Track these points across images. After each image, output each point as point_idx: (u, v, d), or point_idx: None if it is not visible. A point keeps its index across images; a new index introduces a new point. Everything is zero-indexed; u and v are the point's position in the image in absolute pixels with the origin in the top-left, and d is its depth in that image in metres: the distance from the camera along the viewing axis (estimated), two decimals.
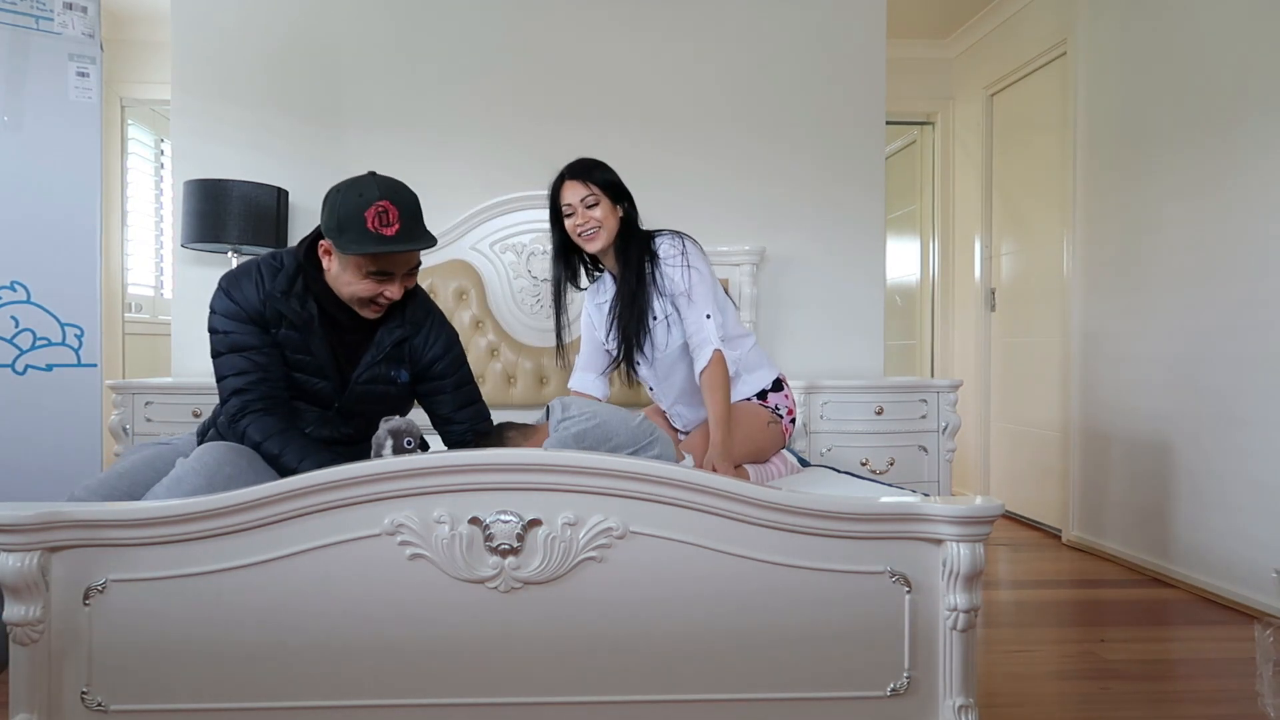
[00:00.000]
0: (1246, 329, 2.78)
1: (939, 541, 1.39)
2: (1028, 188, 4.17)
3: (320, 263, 1.80)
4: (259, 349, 1.75)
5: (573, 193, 2.17)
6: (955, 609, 1.39)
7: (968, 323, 4.67)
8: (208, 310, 1.79)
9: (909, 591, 1.40)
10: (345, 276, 1.74)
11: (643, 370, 2.31)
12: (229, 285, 1.77)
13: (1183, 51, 3.08)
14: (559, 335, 2.40)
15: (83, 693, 1.34)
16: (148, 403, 2.83)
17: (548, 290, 3.07)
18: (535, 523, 1.37)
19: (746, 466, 2.21)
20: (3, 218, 2.47)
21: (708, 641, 1.39)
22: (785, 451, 2.38)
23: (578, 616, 1.38)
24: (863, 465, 3.00)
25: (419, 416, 2.03)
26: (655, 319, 2.21)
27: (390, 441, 1.69)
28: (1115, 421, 3.43)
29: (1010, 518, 4.21)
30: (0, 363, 2.46)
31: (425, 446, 1.72)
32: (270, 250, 1.86)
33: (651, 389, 2.39)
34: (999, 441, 4.42)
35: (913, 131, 5.05)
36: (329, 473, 1.34)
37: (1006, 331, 4.34)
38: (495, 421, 2.03)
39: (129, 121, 4.53)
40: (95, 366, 2.59)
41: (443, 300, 3.09)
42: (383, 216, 1.64)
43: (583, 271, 2.37)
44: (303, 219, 3.21)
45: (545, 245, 3.09)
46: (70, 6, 2.54)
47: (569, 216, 2.18)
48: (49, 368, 2.52)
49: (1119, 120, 3.43)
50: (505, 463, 1.37)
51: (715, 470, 1.95)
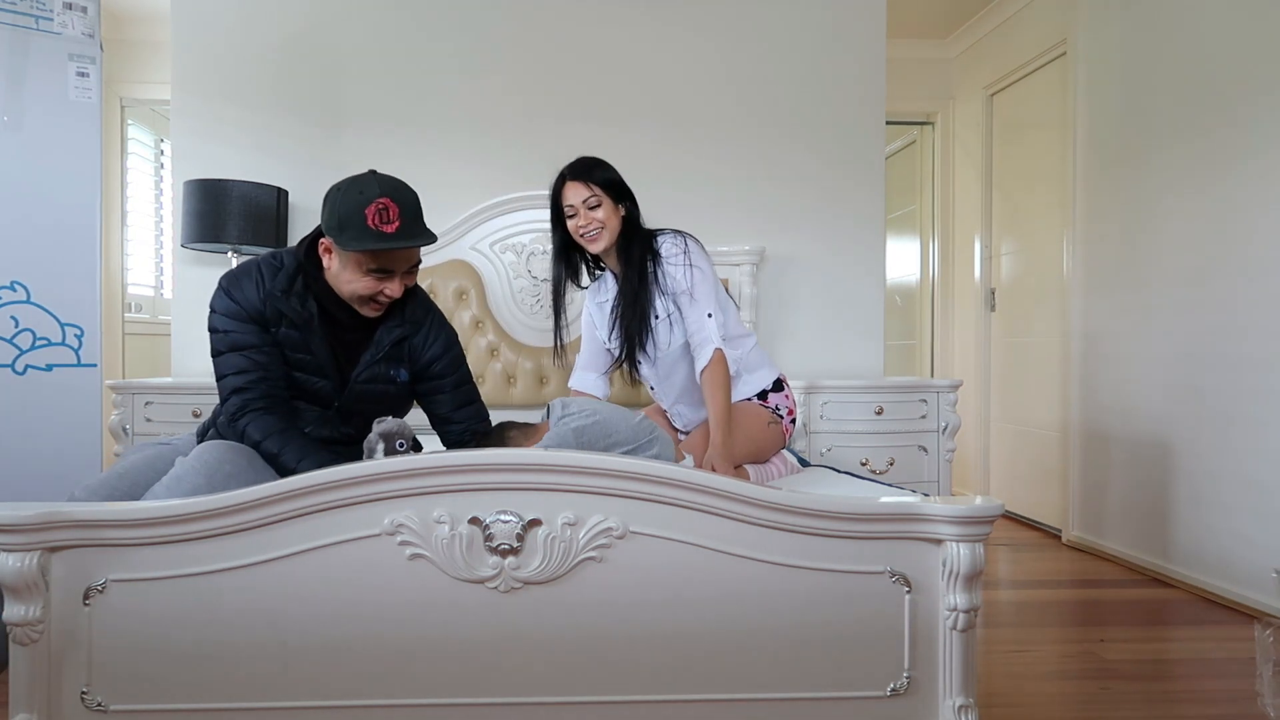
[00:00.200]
0: (1246, 329, 2.78)
1: (939, 541, 1.39)
2: (1027, 188, 4.17)
3: (320, 262, 1.80)
4: (259, 348, 1.75)
5: (574, 194, 2.16)
6: (955, 609, 1.39)
7: (968, 323, 4.67)
8: (208, 310, 1.79)
9: (909, 591, 1.41)
10: (346, 274, 1.74)
11: (644, 369, 2.31)
12: (229, 285, 1.77)
13: (1182, 51, 3.08)
14: (558, 335, 2.40)
15: (82, 693, 1.34)
16: (148, 403, 2.83)
17: (548, 290, 3.06)
18: (535, 523, 1.37)
19: (746, 466, 2.20)
20: (3, 218, 2.47)
21: (707, 641, 1.39)
22: (785, 451, 2.38)
23: (577, 616, 1.38)
24: (863, 465, 3.00)
25: (416, 417, 2.02)
26: (657, 318, 2.21)
27: (382, 444, 1.68)
28: (1115, 422, 3.43)
29: (1010, 518, 4.21)
30: (0, 363, 2.46)
31: (418, 448, 1.71)
32: (270, 250, 1.86)
33: (653, 388, 2.39)
34: (999, 441, 4.42)
35: (913, 131, 5.05)
36: (329, 473, 1.34)
37: (1006, 331, 4.34)
38: (494, 421, 2.03)
39: (129, 121, 4.53)
40: (95, 366, 2.59)
41: (443, 300, 3.09)
42: (383, 214, 1.64)
43: (584, 270, 2.37)
44: (303, 219, 3.21)
45: (545, 245, 3.09)
46: (70, 6, 2.54)
47: (571, 218, 2.18)
48: (49, 368, 2.52)
49: (1119, 120, 3.43)
50: (505, 463, 1.37)
51: (714, 470, 1.95)
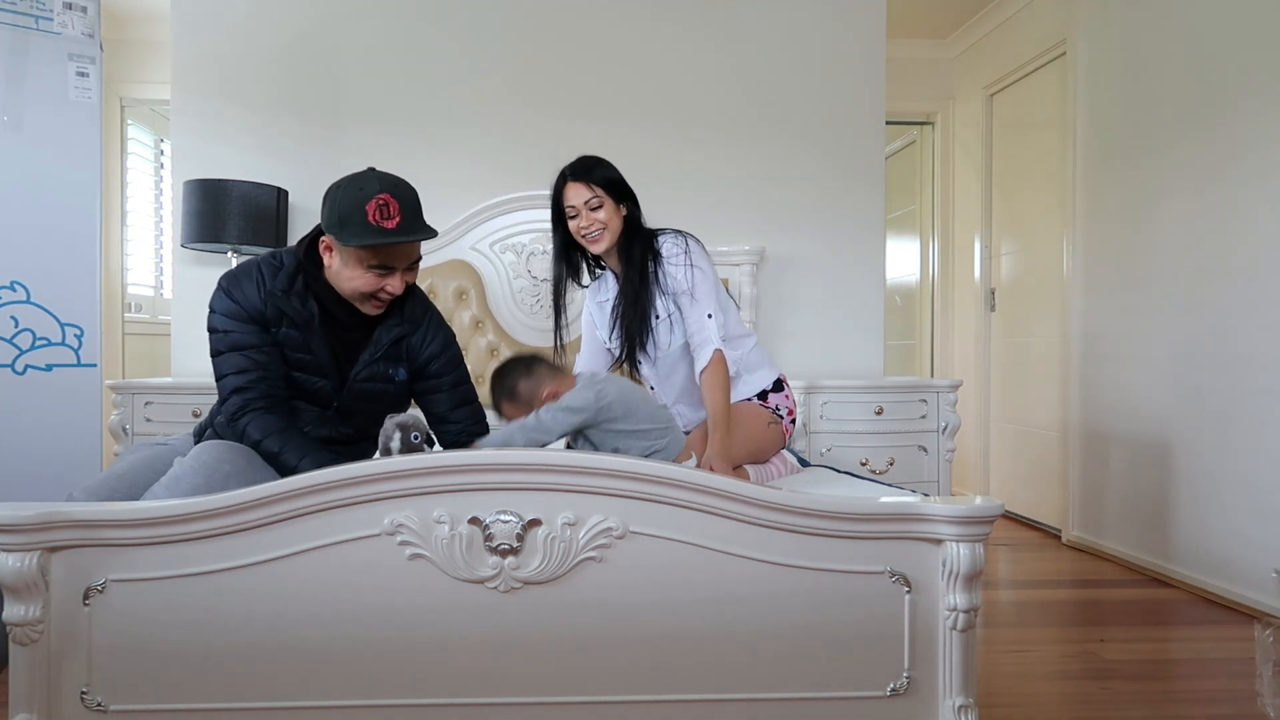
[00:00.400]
0: (1246, 329, 2.78)
1: (939, 541, 1.39)
2: (1027, 187, 4.16)
3: (320, 261, 1.80)
4: (259, 348, 1.75)
5: (576, 194, 2.15)
6: (955, 609, 1.39)
7: (968, 323, 4.66)
8: (208, 310, 1.79)
9: (909, 591, 1.40)
10: (347, 272, 1.74)
11: (644, 369, 2.31)
12: (229, 285, 1.77)
13: (1182, 51, 3.08)
14: (558, 335, 2.40)
15: (82, 693, 1.34)
16: (147, 403, 2.83)
17: (548, 290, 3.06)
18: (535, 523, 1.37)
19: (746, 467, 2.20)
20: (3, 218, 2.47)
21: (708, 641, 1.39)
22: (785, 452, 2.38)
23: (577, 616, 1.38)
24: (863, 465, 3.00)
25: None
26: (658, 318, 2.21)
27: (398, 434, 1.68)
28: (1115, 422, 3.43)
29: (1010, 518, 4.21)
30: (0, 363, 2.46)
31: (431, 442, 1.73)
32: (269, 250, 1.86)
33: (653, 388, 2.38)
34: (999, 441, 4.42)
35: (913, 131, 5.05)
36: (329, 473, 1.34)
37: (1006, 331, 4.34)
38: (489, 424, 2.03)
39: (129, 121, 4.53)
40: (95, 366, 2.59)
41: (443, 300, 3.09)
42: (383, 209, 1.65)
43: (584, 268, 2.37)
44: (303, 219, 3.21)
45: (545, 245, 3.08)
46: (70, 6, 2.54)
47: (573, 218, 2.17)
48: (49, 368, 2.52)
49: (1119, 120, 3.43)
50: (505, 463, 1.37)
51: (713, 470, 1.95)
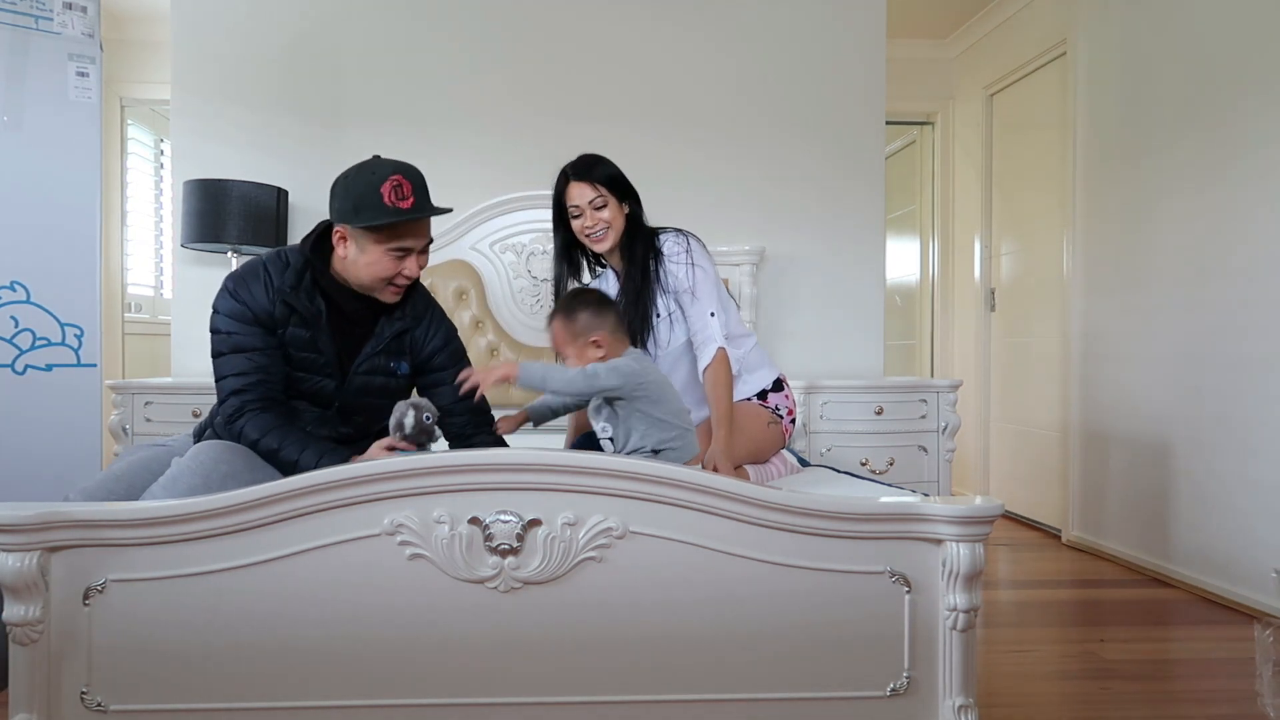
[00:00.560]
0: (1246, 329, 2.78)
1: (939, 541, 1.39)
2: (1027, 187, 4.16)
3: (327, 257, 1.80)
4: (261, 350, 1.74)
5: (580, 194, 2.14)
6: (955, 609, 1.39)
7: (968, 323, 4.66)
8: (210, 310, 1.77)
9: (909, 591, 1.40)
10: (365, 258, 1.74)
11: None
12: (235, 286, 1.76)
13: (1182, 51, 3.08)
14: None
15: (82, 693, 1.34)
16: (147, 403, 2.83)
17: (548, 290, 3.05)
18: (535, 523, 1.37)
19: (746, 467, 2.20)
20: (3, 218, 2.47)
21: (707, 641, 1.39)
22: (785, 452, 2.37)
23: (577, 616, 1.38)
24: (863, 465, 3.00)
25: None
26: (659, 316, 2.21)
27: (411, 413, 1.68)
28: (1115, 422, 3.43)
29: (1010, 518, 4.21)
30: (0, 363, 2.46)
31: (442, 423, 1.74)
32: (272, 249, 1.86)
33: None
34: (999, 441, 4.42)
35: (913, 131, 5.05)
36: (329, 473, 1.34)
37: (1006, 331, 4.34)
38: (495, 418, 2.02)
39: (129, 121, 4.53)
40: (95, 366, 2.59)
41: (443, 300, 3.08)
42: (398, 190, 1.68)
43: (585, 266, 2.37)
44: (302, 219, 3.21)
45: (545, 245, 3.09)
46: (70, 6, 2.54)
47: (576, 218, 2.16)
48: (49, 368, 2.52)
49: (1119, 120, 3.43)
50: (505, 463, 1.37)
51: (716, 468, 1.95)
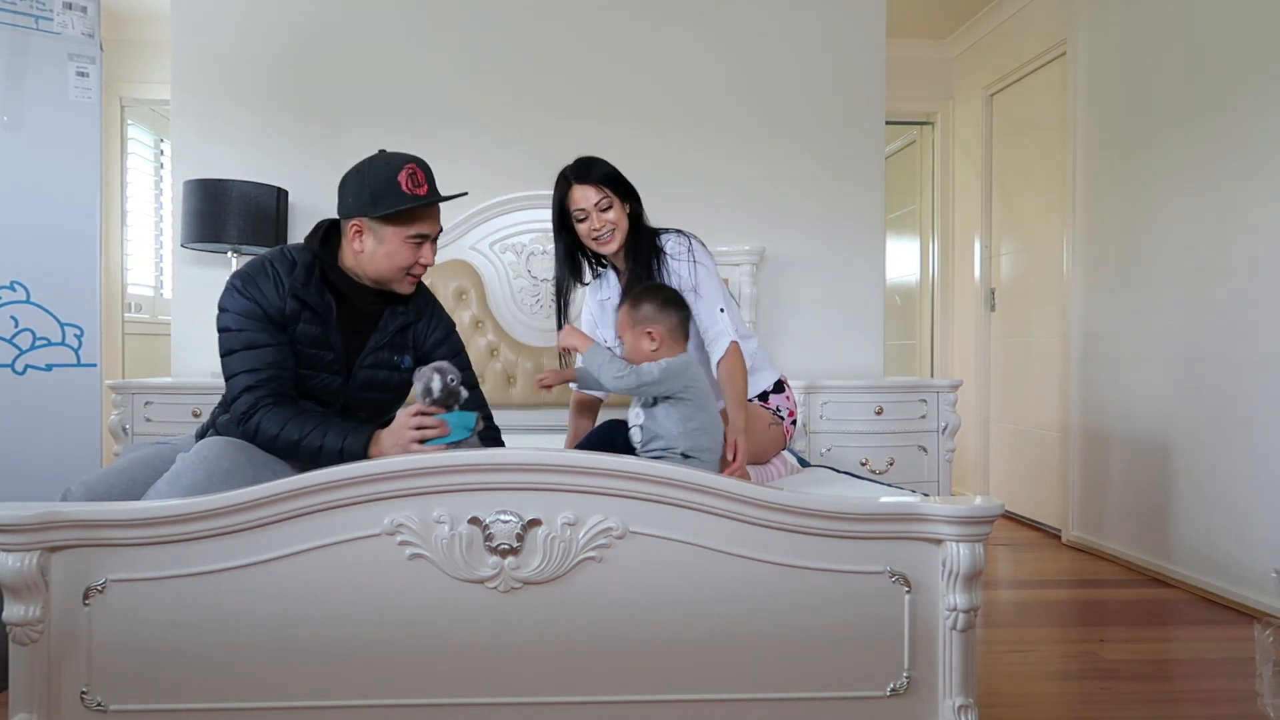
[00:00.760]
0: (1246, 329, 2.78)
1: (939, 541, 1.39)
2: (1028, 187, 4.17)
3: (333, 254, 1.81)
4: (272, 347, 1.73)
5: (584, 197, 2.13)
6: (955, 609, 1.39)
7: (968, 323, 4.66)
8: (216, 310, 1.77)
9: (909, 591, 1.40)
10: (384, 249, 1.76)
11: None
12: (244, 284, 1.75)
13: (1182, 51, 3.08)
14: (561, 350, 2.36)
15: (82, 693, 1.34)
16: (147, 403, 2.83)
17: (548, 290, 3.05)
18: (535, 523, 1.37)
19: (747, 467, 2.20)
20: (3, 218, 2.47)
21: (707, 641, 1.39)
22: (785, 452, 2.38)
23: (577, 616, 1.38)
24: (862, 465, 3.00)
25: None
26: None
27: (437, 377, 1.68)
28: (1115, 421, 3.43)
29: (1010, 518, 4.21)
30: (0, 363, 2.46)
31: (467, 386, 1.75)
32: (273, 248, 1.86)
33: None
34: (999, 441, 4.42)
35: (913, 131, 5.05)
36: (329, 473, 1.34)
37: (1006, 331, 4.34)
38: (496, 420, 2.02)
39: (129, 121, 4.53)
40: (95, 366, 2.59)
41: (443, 300, 3.07)
42: (414, 177, 1.73)
43: (586, 267, 2.36)
44: (302, 219, 3.21)
45: (545, 245, 3.08)
46: (70, 6, 2.54)
47: (581, 221, 2.15)
48: (49, 368, 2.52)
49: (1119, 120, 3.43)
50: (505, 463, 1.37)
51: (737, 446, 2.00)
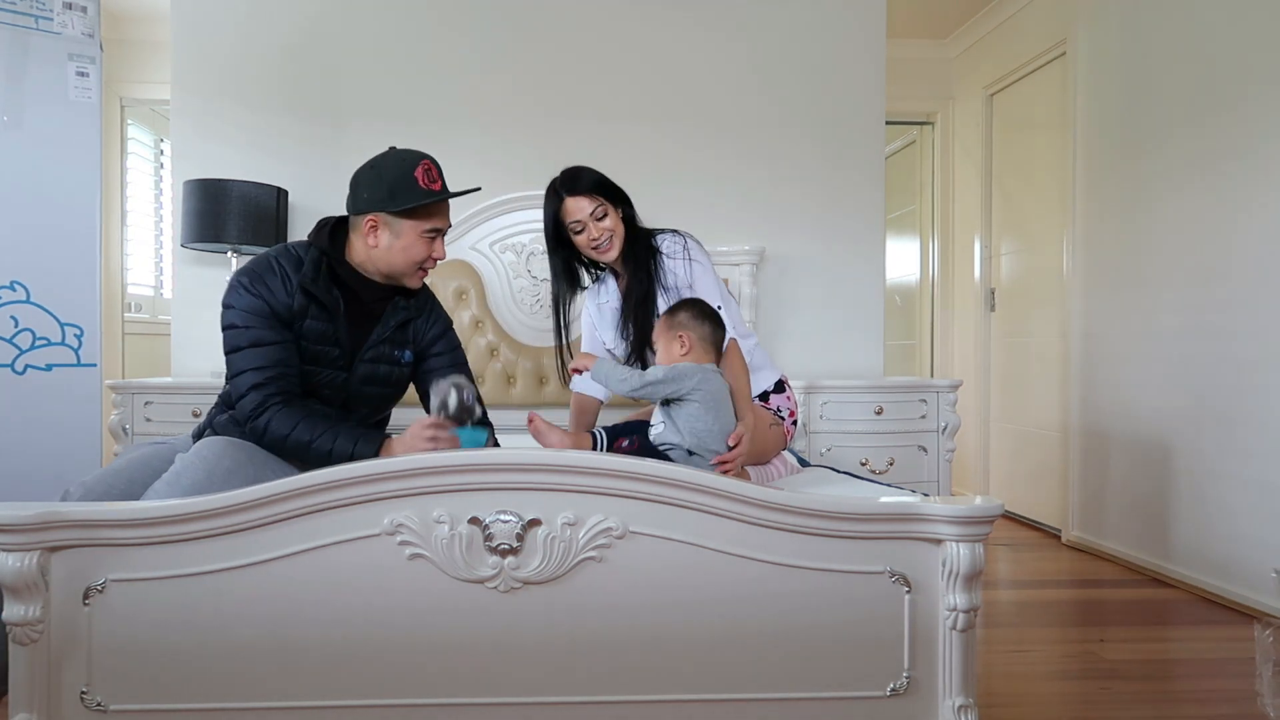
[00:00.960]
0: (1246, 329, 2.77)
1: (939, 541, 1.39)
2: (1028, 187, 4.16)
3: (340, 250, 1.83)
4: (279, 344, 1.73)
5: (578, 209, 2.12)
6: (955, 609, 1.38)
7: (968, 323, 4.66)
8: (221, 308, 1.77)
9: (909, 591, 1.40)
10: (400, 242, 1.78)
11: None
12: (250, 281, 1.74)
13: (1182, 51, 3.08)
14: (561, 355, 2.33)
15: (82, 693, 1.34)
16: (147, 402, 2.83)
17: (548, 290, 3.04)
18: (535, 523, 1.37)
19: (747, 468, 2.20)
20: (3, 218, 2.47)
21: (707, 641, 1.39)
22: (785, 452, 2.37)
23: (577, 616, 1.38)
24: (862, 465, 3.00)
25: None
26: (658, 316, 2.21)
27: (454, 392, 1.74)
28: (1115, 421, 3.43)
29: (1010, 518, 4.21)
30: (0, 363, 2.46)
31: (481, 403, 1.81)
32: (276, 246, 1.87)
33: None
34: (999, 441, 4.42)
35: (913, 131, 5.05)
36: (329, 473, 1.34)
37: (1006, 331, 4.34)
38: (494, 423, 2.02)
39: (129, 121, 4.53)
40: (95, 366, 2.59)
41: (443, 300, 3.06)
42: (429, 173, 1.77)
43: (583, 273, 2.36)
44: (302, 219, 3.21)
45: (545, 245, 3.08)
46: (70, 6, 2.54)
47: (579, 233, 2.15)
48: (49, 368, 2.52)
49: (1119, 120, 3.43)
50: (505, 463, 1.37)
51: (740, 441, 1.97)
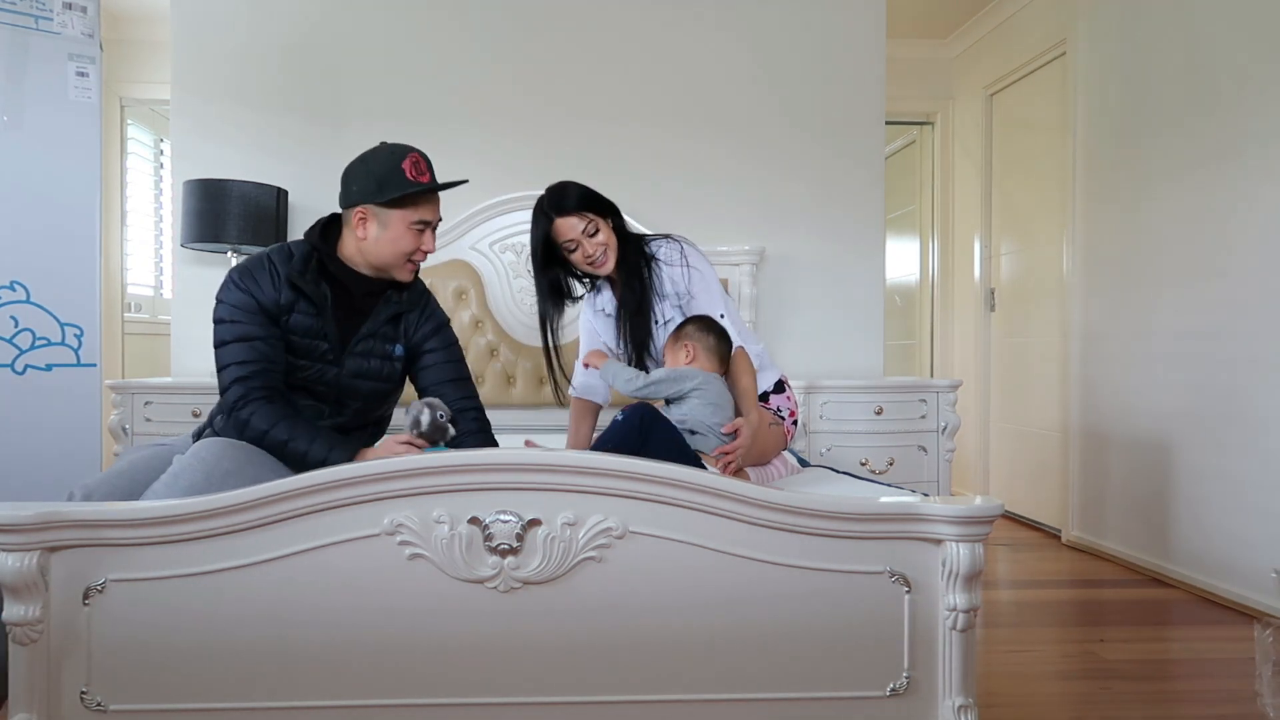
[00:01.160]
0: (1246, 329, 2.78)
1: (938, 541, 1.39)
2: (1028, 187, 4.17)
3: (333, 245, 1.85)
4: (265, 340, 1.76)
5: (570, 228, 2.12)
6: (955, 609, 1.38)
7: (967, 323, 4.66)
8: (215, 301, 1.79)
9: (909, 591, 1.40)
10: (388, 234, 1.80)
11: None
12: (241, 277, 1.78)
13: (1182, 51, 3.08)
14: (554, 372, 2.32)
15: (82, 693, 1.34)
16: (147, 402, 2.83)
17: None
18: (535, 523, 1.37)
19: (747, 468, 2.20)
20: (3, 218, 2.47)
21: (707, 641, 1.39)
22: (785, 452, 2.38)
23: (577, 616, 1.38)
24: (862, 465, 3.00)
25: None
26: (658, 322, 2.22)
27: (427, 411, 1.77)
28: (1115, 421, 3.43)
29: (1010, 518, 4.21)
30: (0, 363, 2.46)
31: (455, 423, 1.82)
32: (271, 246, 1.89)
33: None
34: (999, 441, 4.42)
35: (913, 131, 5.05)
36: (329, 472, 1.34)
37: (1006, 331, 4.34)
38: (493, 425, 2.02)
39: (129, 121, 4.53)
40: (95, 366, 2.59)
41: (442, 300, 3.09)
42: (417, 165, 1.81)
43: (575, 284, 2.33)
44: (302, 219, 3.21)
45: None
46: (70, 6, 2.54)
47: (573, 251, 2.15)
48: (49, 368, 2.52)
49: (1118, 120, 3.43)
50: (505, 463, 1.37)
51: (739, 433, 2.00)
